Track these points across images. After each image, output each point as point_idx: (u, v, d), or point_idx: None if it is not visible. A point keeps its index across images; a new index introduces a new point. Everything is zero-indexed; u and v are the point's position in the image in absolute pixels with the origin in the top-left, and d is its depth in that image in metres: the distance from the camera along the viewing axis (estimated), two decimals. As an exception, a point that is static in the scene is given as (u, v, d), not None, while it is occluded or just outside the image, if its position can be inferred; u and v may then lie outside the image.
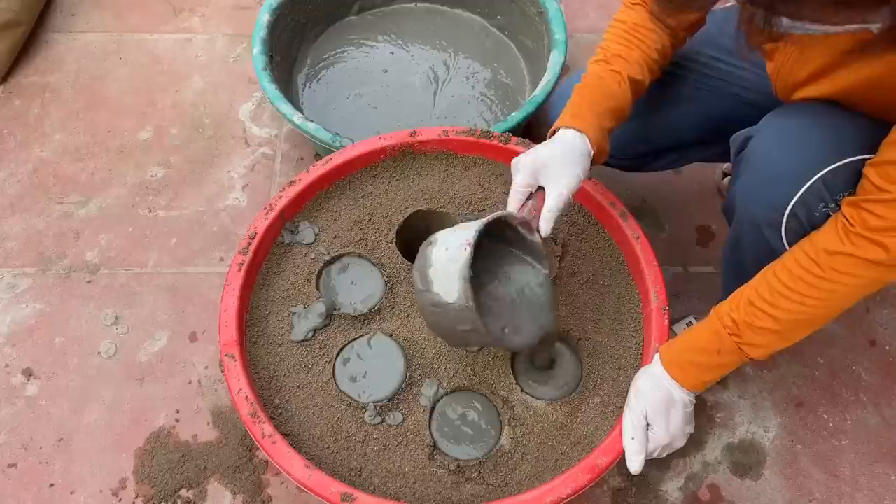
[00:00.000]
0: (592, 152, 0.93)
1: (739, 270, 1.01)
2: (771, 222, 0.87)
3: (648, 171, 1.21)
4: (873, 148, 0.77)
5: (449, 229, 0.88)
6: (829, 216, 0.82)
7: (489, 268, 0.93)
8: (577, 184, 0.91)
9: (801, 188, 0.83)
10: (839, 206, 0.81)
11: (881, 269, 0.75)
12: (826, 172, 0.81)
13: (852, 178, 0.80)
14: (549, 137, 0.95)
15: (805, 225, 0.85)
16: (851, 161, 0.81)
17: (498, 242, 0.93)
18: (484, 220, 0.84)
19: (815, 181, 0.82)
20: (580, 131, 0.92)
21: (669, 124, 1.10)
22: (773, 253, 0.89)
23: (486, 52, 1.60)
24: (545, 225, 0.89)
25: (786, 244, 0.88)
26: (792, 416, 1.21)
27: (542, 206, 0.90)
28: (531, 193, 0.93)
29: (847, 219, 0.76)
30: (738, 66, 1.03)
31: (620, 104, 0.95)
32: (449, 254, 0.83)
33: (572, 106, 0.95)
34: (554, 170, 0.90)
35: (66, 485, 1.12)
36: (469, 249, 0.81)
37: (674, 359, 0.89)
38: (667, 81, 1.07)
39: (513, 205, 0.91)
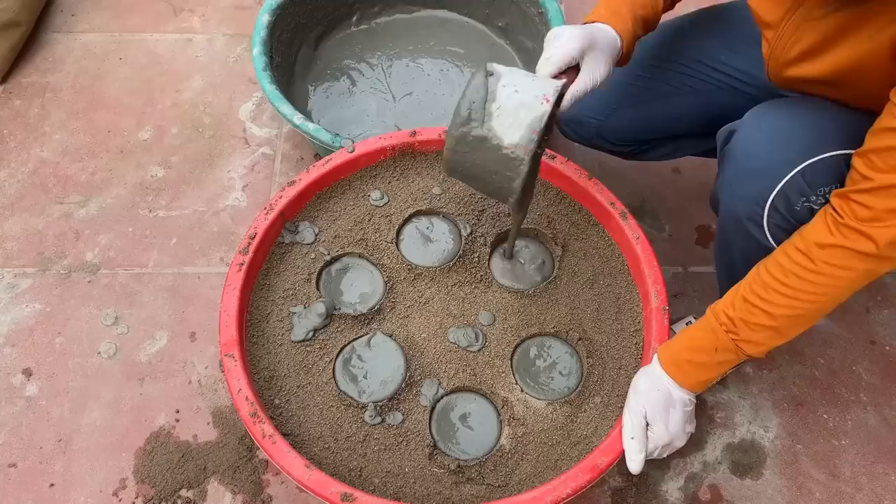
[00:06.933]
0: (622, 54, 0.96)
1: (730, 268, 1.01)
2: (752, 216, 0.88)
3: (645, 160, 1.22)
4: (854, 143, 0.77)
5: (507, 68, 0.86)
6: (811, 210, 0.82)
7: None
8: (607, 76, 0.93)
9: (780, 182, 0.83)
10: (823, 199, 0.81)
11: (873, 261, 0.74)
12: (805, 167, 0.82)
13: (833, 173, 0.80)
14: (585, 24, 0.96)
15: (788, 219, 0.85)
16: (831, 156, 0.81)
17: None
18: (561, 83, 0.85)
19: (793, 175, 0.82)
20: (618, 33, 0.94)
21: (671, 113, 1.11)
22: (760, 248, 0.89)
23: (485, 54, 1.60)
24: (569, 103, 0.91)
25: (769, 238, 0.88)
26: (792, 416, 1.21)
27: (569, 83, 0.92)
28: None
29: (836, 210, 0.76)
30: (737, 57, 1.04)
31: (653, 15, 0.98)
32: (520, 98, 0.82)
33: (612, 4, 0.96)
34: (595, 56, 0.92)
35: (66, 485, 1.12)
36: (549, 105, 0.81)
37: (672, 358, 0.89)
38: (671, 72, 1.08)
39: (551, 71, 0.91)
